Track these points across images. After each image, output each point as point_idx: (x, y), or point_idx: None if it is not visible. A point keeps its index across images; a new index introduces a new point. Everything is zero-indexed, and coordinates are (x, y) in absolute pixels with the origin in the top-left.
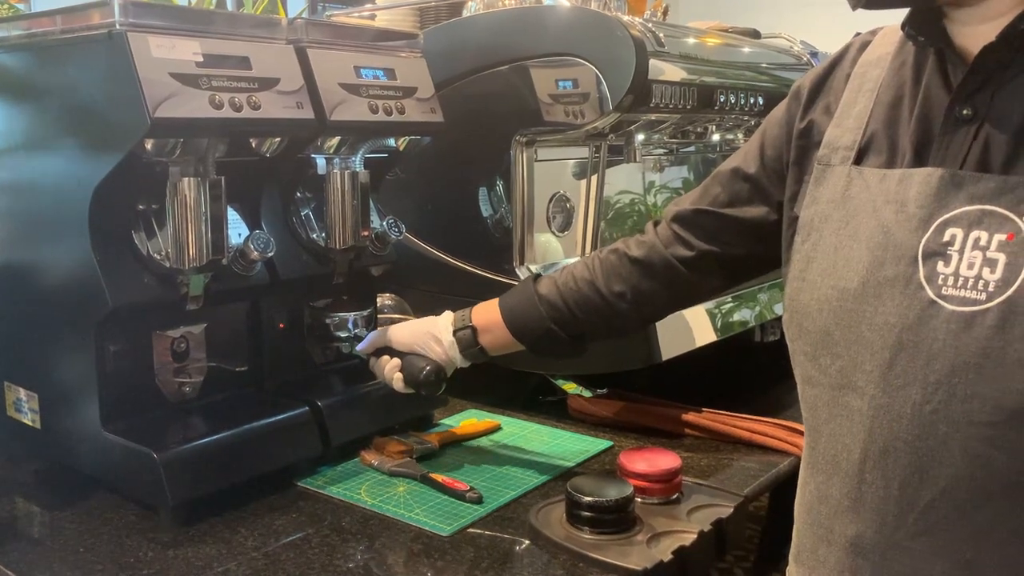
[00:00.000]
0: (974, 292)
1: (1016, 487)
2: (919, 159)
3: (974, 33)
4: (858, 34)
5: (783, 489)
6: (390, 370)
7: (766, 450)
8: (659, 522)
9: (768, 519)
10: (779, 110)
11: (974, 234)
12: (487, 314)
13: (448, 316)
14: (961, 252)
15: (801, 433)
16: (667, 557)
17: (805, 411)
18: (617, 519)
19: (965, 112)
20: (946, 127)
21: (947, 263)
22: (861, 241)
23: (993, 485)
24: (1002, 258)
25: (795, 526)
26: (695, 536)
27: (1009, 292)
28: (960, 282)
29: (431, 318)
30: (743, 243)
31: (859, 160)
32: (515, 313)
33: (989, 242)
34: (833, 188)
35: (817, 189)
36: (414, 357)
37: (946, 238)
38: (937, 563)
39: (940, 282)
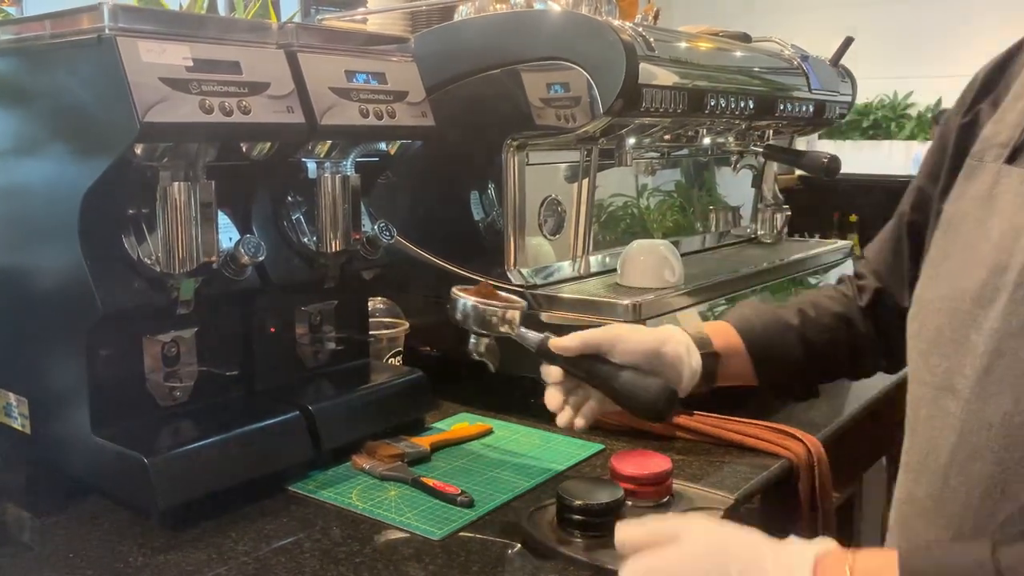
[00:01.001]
0: None
1: None
2: None
3: None
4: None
5: (774, 492)
6: (593, 404)
7: (757, 453)
8: None
9: (759, 522)
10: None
11: None
12: (725, 338)
13: (682, 334)
14: None
15: (792, 436)
16: None
17: (908, 409)
18: (608, 522)
19: None
20: None
21: None
22: (992, 242)
23: None
24: None
25: (889, 522)
26: None
27: None
28: None
29: (655, 331)
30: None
31: (1012, 159)
32: (762, 341)
33: None
34: (980, 185)
35: (965, 184)
36: (637, 374)
37: None
38: None
39: None
